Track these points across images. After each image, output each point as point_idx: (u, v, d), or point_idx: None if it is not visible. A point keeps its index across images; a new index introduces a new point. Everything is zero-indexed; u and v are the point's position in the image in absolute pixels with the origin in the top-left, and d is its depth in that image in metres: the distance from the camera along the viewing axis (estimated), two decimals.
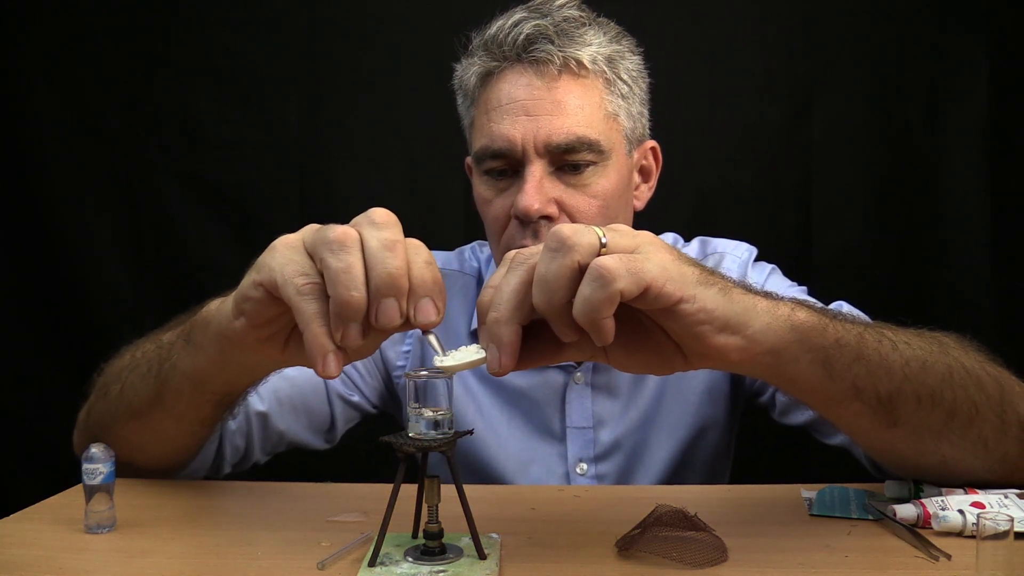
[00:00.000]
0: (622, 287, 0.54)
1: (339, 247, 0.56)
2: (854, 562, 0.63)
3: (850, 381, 0.66)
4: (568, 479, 1.02)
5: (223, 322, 0.67)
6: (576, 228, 0.57)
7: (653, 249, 0.58)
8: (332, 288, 0.56)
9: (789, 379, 0.66)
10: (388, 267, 0.56)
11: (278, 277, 0.59)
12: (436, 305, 0.58)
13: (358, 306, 0.56)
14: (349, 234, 0.57)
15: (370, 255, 0.56)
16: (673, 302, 0.57)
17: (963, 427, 0.71)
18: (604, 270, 0.54)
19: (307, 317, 0.57)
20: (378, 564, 0.60)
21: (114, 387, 0.83)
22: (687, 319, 0.58)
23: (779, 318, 0.62)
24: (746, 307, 0.61)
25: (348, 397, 1.05)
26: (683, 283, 0.57)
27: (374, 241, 0.57)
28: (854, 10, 1.54)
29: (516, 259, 0.59)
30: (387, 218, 0.58)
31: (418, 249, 0.58)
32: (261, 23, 1.61)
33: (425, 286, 0.57)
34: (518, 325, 0.58)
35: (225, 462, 0.95)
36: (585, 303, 0.55)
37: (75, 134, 1.62)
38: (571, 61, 0.92)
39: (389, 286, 0.56)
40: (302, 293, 0.57)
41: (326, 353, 0.57)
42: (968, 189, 1.53)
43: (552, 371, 1.03)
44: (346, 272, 0.56)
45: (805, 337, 0.63)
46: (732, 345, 0.60)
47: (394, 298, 0.56)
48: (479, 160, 0.96)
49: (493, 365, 0.58)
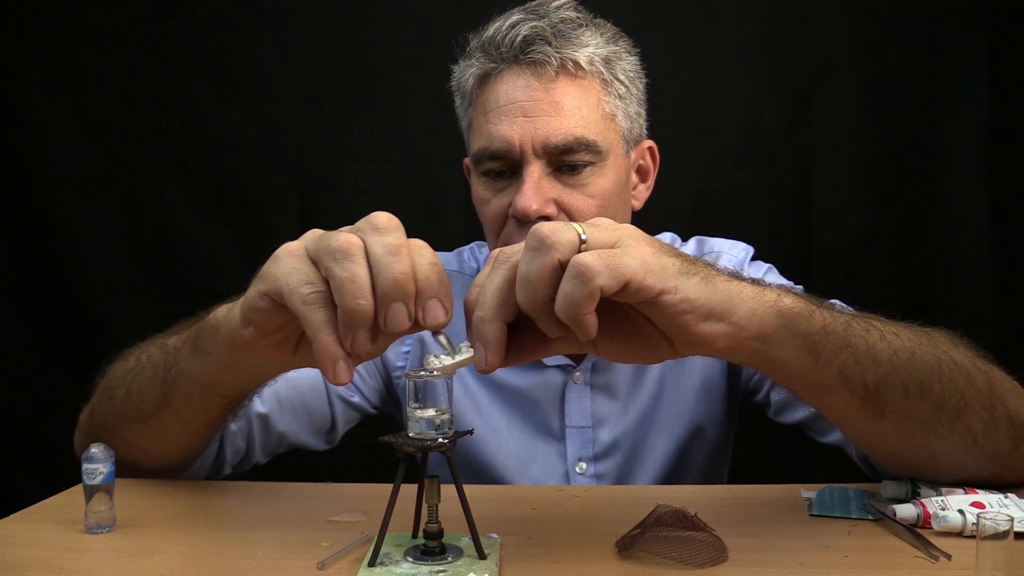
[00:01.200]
0: (601, 283, 0.55)
1: (344, 256, 0.57)
2: (854, 562, 0.63)
3: (836, 368, 0.67)
4: (567, 478, 1.03)
5: (231, 329, 0.68)
6: (555, 226, 0.57)
7: (633, 243, 0.59)
8: (339, 298, 0.56)
9: (776, 366, 0.66)
10: (394, 272, 0.56)
11: (283, 287, 0.59)
12: (444, 306, 0.58)
13: (365, 314, 0.56)
14: (353, 242, 0.57)
15: (375, 261, 0.56)
16: (654, 295, 0.58)
17: (952, 420, 0.71)
18: (583, 267, 0.55)
19: (315, 326, 0.57)
20: (378, 564, 0.60)
21: (119, 391, 0.83)
22: (670, 310, 0.59)
23: (765, 304, 0.63)
24: (730, 294, 0.61)
25: (348, 398, 1.05)
26: (663, 275, 0.58)
27: (378, 247, 0.57)
28: (854, 10, 1.55)
29: (499, 258, 0.60)
30: (390, 222, 0.58)
31: (422, 251, 0.58)
32: (261, 23, 1.61)
33: (432, 288, 0.57)
34: (502, 323, 0.58)
35: (226, 463, 0.95)
36: (566, 300, 0.55)
37: (75, 134, 1.62)
38: (568, 62, 0.93)
39: (396, 291, 0.56)
40: (308, 303, 0.58)
41: (336, 361, 0.58)
42: (968, 189, 1.53)
43: (551, 371, 1.03)
44: (352, 281, 0.56)
45: (791, 323, 0.64)
46: (718, 332, 0.61)
47: (402, 302, 0.56)
48: (477, 161, 0.97)
49: (480, 363, 0.58)
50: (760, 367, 0.68)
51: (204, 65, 1.62)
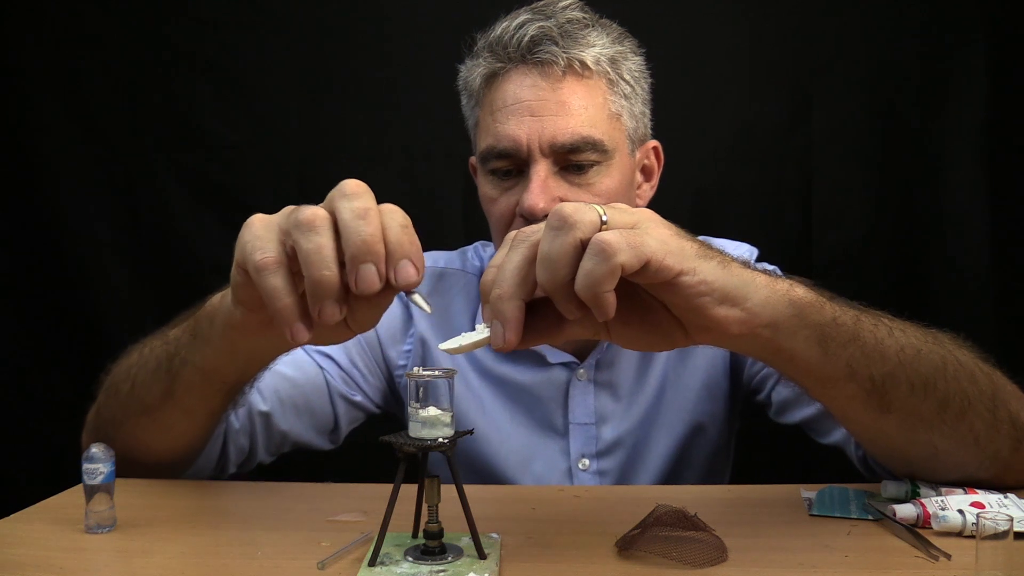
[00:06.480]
0: (623, 260, 0.55)
1: (308, 228, 0.58)
2: (854, 562, 0.63)
3: (845, 361, 0.67)
4: (570, 474, 1.03)
5: (226, 313, 0.70)
6: (577, 206, 0.58)
7: (652, 224, 0.59)
8: (305, 269, 0.58)
9: (786, 356, 0.67)
10: (362, 234, 0.57)
11: (242, 257, 0.61)
12: (415, 265, 0.58)
13: (331, 284, 0.57)
14: (318, 214, 0.58)
15: (343, 226, 0.57)
16: (673, 275, 0.58)
17: (955, 419, 0.72)
18: (605, 244, 0.55)
19: (266, 292, 0.59)
20: (378, 564, 0.60)
21: (124, 385, 0.84)
22: (687, 291, 0.59)
23: (778, 292, 0.64)
24: (745, 280, 0.62)
25: (350, 397, 1.05)
26: (682, 256, 0.59)
27: (346, 212, 0.58)
28: (854, 10, 1.54)
29: (518, 238, 0.61)
30: (357, 188, 0.59)
31: (393, 213, 0.59)
32: (262, 23, 1.61)
33: (402, 248, 0.58)
34: (521, 301, 0.59)
35: (230, 462, 0.95)
36: (587, 277, 0.56)
37: (75, 134, 1.62)
38: (575, 62, 0.93)
39: (365, 252, 0.57)
40: (259, 269, 0.59)
41: (292, 323, 0.59)
42: (968, 188, 1.53)
43: (555, 368, 1.04)
44: (317, 252, 0.57)
45: (803, 312, 0.65)
46: (732, 317, 0.61)
47: (371, 263, 0.57)
48: (484, 160, 0.97)
49: (498, 340, 0.59)
50: (769, 358, 0.69)
51: (204, 65, 1.62)
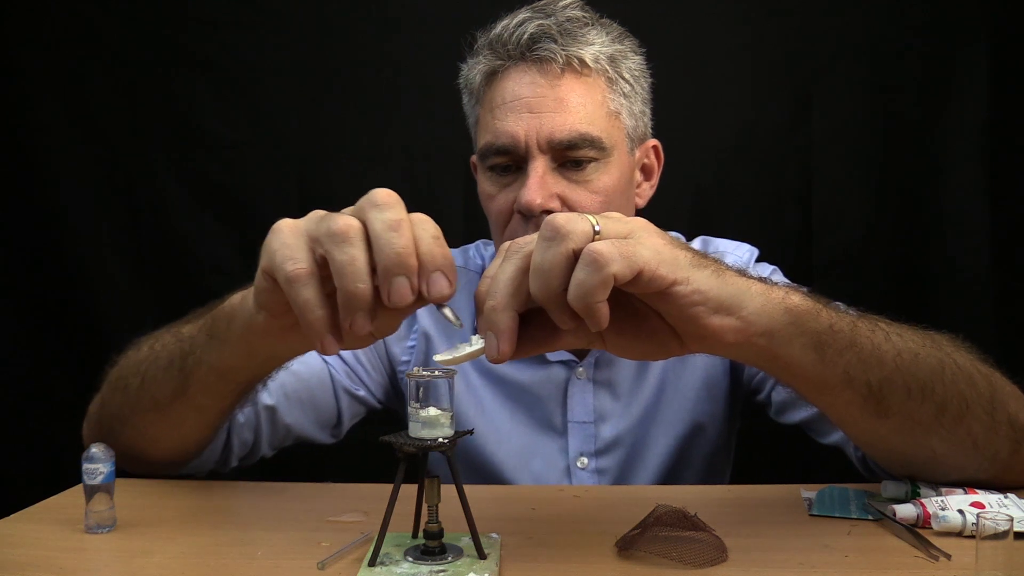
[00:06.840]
0: (615, 271, 0.55)
1: (343, 239, 0.57)
2: (854, 562, 0.63)
3: (842, 368, 0.67)
4: (569, 473, 1.03)
5: (247, 316, 0.69)
6: (570, 216, 0.58)
7: (646, 234, 0.59)
8: (338, 281, 0.57)
9: (782, 364, 0.66)
10: (395, 247, 0.56)
11: (272, 264, 0.60)
12: (448, 278, 0.58)
13: (364, 297, 0.57)
14: (352, 225, 0.57)
15: (375, 238, 0.57)
16: (667, 285, 0.58)
17: (953, 422, 0.72)
18: (597, 255, 0.55)
19: (298, 305, 0.58)
20: (378, 564, 0.60)
21: (133, 380, 0.83)
22: (681, 301, 0.59)
23: (773, 300, 0.63)
24: (740, 289, 0.62)
25: (354, 391, 1.05)
26: (676, 266, 0.58)
27: (378, 224, 0.57)
28: (854, 10, 1.54)
29: (511, 248, 0.60)
30: (389, 198, 0.58)
31: (425, 224, 0.58)
32: (262, 23, 1.61)
33: (435, 261, 0.57)
34: (515, 312, 0.58)
35: (233, 455, 0.95)
36: (579, 288, 0.55)
37: (75, 134, 1.62)
38: (574, 60, 0.93)
39: (397, 265, 0.56)
40: (291, 280, 0.58)
41: (323, 336, 0.58)
42: (968, 188, 1.53)
43: (555, 366, 1.04)
44: (351, 264, 0.56)
45: (799, 320, 0.64)
46: (727, 326, 0.61)
47: (404, 276, 0.56)
48: (483, 156, 0.97)
49: (492, 352, 0.58)
50: (766, 365, 0.68)
51: (204, 65, 1.62)
